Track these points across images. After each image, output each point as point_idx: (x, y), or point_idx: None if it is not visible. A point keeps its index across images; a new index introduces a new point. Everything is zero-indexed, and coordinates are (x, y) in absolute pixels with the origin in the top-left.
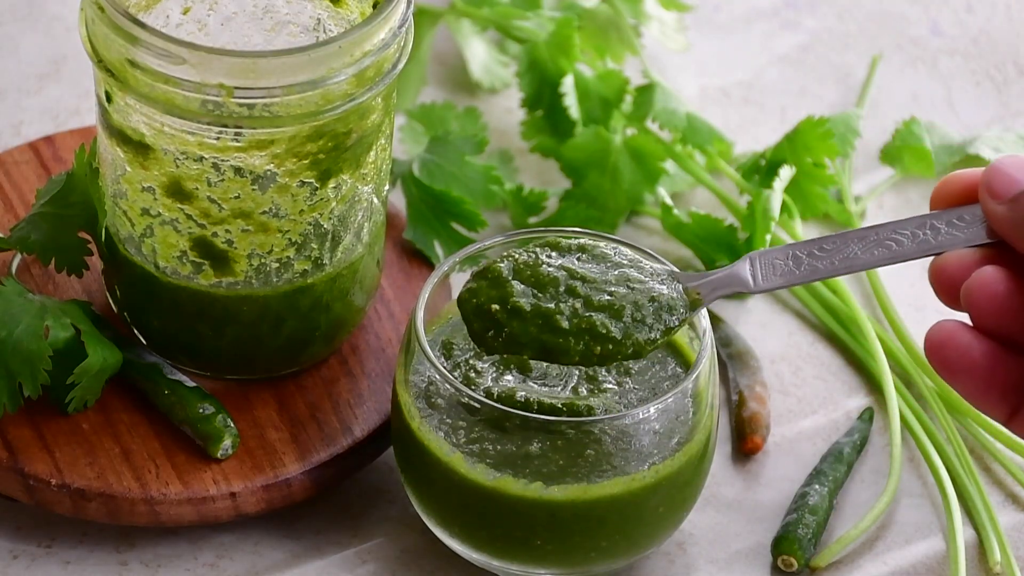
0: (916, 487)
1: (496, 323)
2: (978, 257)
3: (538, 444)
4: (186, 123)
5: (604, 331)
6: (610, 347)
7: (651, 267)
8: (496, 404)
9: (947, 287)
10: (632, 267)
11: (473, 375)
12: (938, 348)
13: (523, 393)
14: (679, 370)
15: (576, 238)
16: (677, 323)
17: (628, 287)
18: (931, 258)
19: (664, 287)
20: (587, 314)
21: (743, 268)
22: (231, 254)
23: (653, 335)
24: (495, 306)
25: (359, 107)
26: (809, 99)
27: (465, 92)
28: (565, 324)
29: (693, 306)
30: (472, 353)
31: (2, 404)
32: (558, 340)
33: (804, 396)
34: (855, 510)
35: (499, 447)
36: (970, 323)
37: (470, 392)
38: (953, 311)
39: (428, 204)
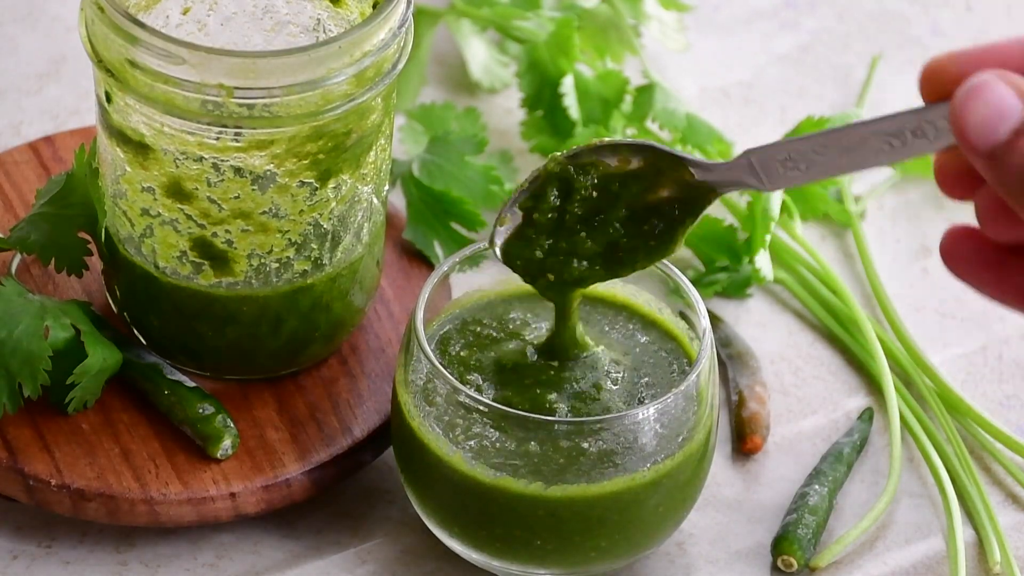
0: (916, 487)
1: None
2: None
3: (538, 444)
4: (186, 123)
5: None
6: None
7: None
8: (496, 404)
9: (951, 186)
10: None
11: (473, 375)
12: (952, 250)
13: (524, 393)
14: (679, 370)
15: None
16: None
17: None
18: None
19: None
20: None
21: (746, 169)
22: (231, 254)
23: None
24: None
25: (359, 107)
26: (809, 99)
27: (465, 92)
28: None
29: (708, 198)
30: (472, 353)
31: (2, 404)
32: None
33: (804, 396)
34: (855, 510)
35: (499, 447)
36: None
37: (470, 392)
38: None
39: (428, 204)
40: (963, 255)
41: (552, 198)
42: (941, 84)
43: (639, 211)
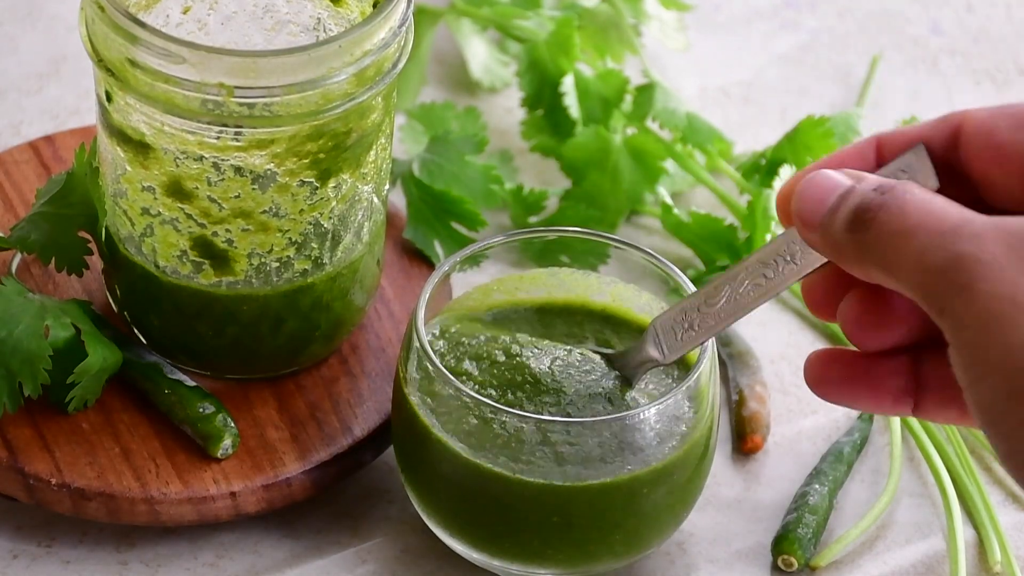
0: (916, 487)
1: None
2: (837, 271)
3: (539, 443)
4: (186, 122)
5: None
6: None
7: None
8: (497, 404)
9: (821, 307)
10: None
11: (473, 374)
12: (819, 375)
13: (525, 393)
14: (679, 370)
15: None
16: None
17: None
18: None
19: (601, 382)
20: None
21: (649, 341)
22: (231, 253)
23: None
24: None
25: (359, 106)
26: (809, 99)
27: (465, 92)
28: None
29: (623, 390)
30: (472, 352)
31: (2, 404)
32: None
33: (804, 396)
34: (855, 510)
35: (499, 447)
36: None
37: (470, 392)
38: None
39: (428, 204)
40: (832, 378)
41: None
42: (786, 215)
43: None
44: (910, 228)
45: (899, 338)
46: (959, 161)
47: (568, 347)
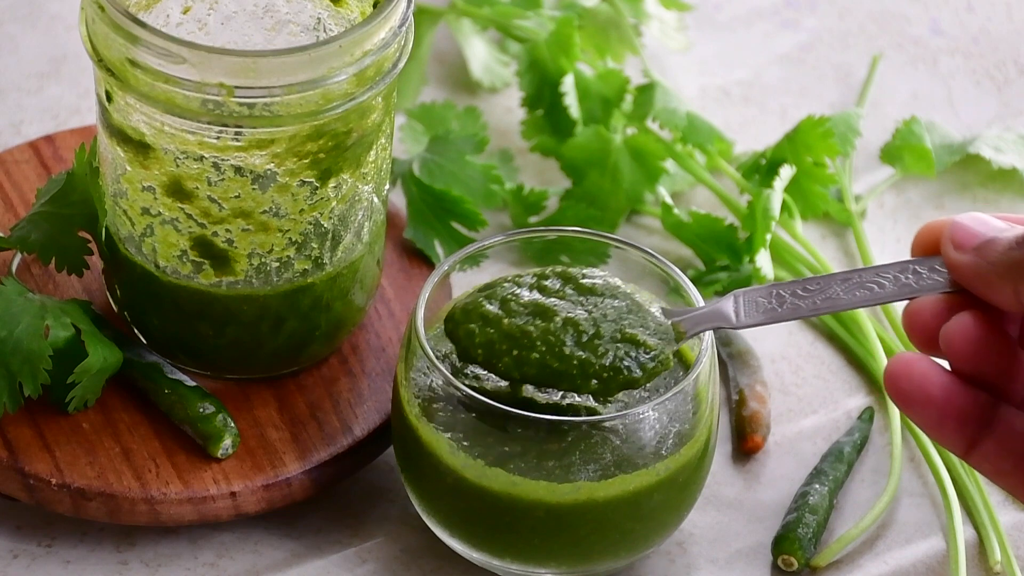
0: (916, 487)
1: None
2: (950, 304)
3: (538, 443)
4: (186, 122)
5: (584, 366)
6: (593, 383)
7: (641, 301)
8: (497, 403)
9: (920, 331)
10: (621, 299)
11: (473, 374)
12: (895, 378)
13: (524, 392)
14: (679, 370)
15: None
16: (659, 360)
17: (615, 324)
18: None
19: (650, 324)
20: (576, 351)
21: (727, 305)
22: (231, 253)
23: (636, 374)
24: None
25: (359, 106)
26: (809, 98)
27: (465, 92)
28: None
29: (677, 339)
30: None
31: (2, 404)
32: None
33: (804, 395)
34: (855, 510)
35: (499, 446)
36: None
37: (470, 391)
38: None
39: (428, 204)
40: (908, 383)
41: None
42: (927, 243)
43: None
44: None
45: (994, 367)
46: None
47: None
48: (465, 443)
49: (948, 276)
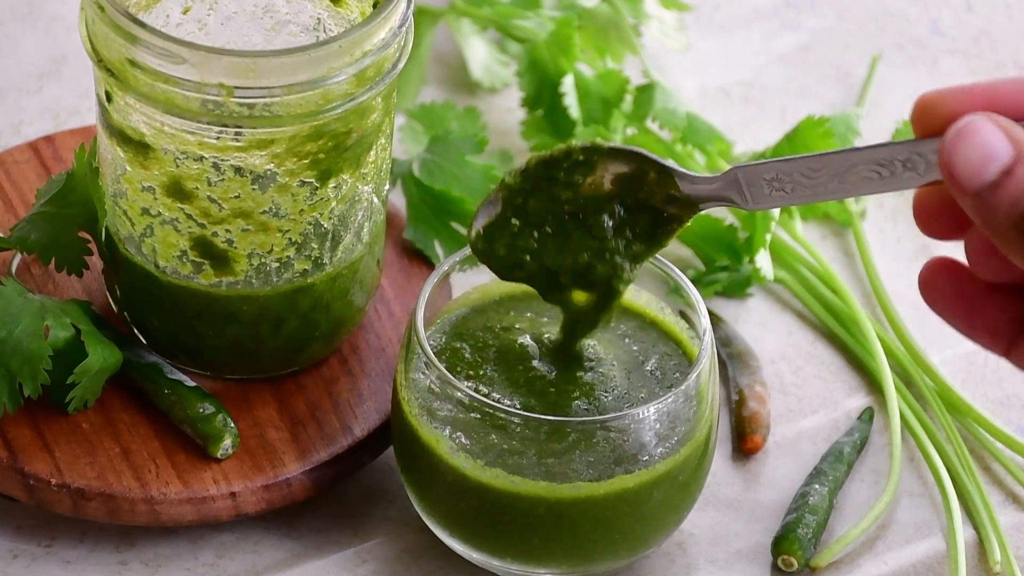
0: (916, 487)
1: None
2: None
3: (538, 443)
4: (186, 123)
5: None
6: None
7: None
8: (497, 403)
9: (931, 220)
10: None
11: (473, 374)
12: (930, 282)
13: (524, 392)
14: (679, 370)
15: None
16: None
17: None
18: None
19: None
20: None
21: (733, 186)
22: (231, 254)
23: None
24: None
25: (359, 107)
26: (809, 99)
27: (465, 92)
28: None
29: (691, 210)
30: (472, 352)
31: (2, 404)
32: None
33: (804, 396)
34: (855, 510)
35: (499, 446)
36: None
37: (470, 391)
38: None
39: (428, 204)
40: (940, 288)
41: (538, 192)
42: (932, 120)
43: (623, 215)
44: None
45: (985, 336)
46: None
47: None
48: (465, 443)
49: None
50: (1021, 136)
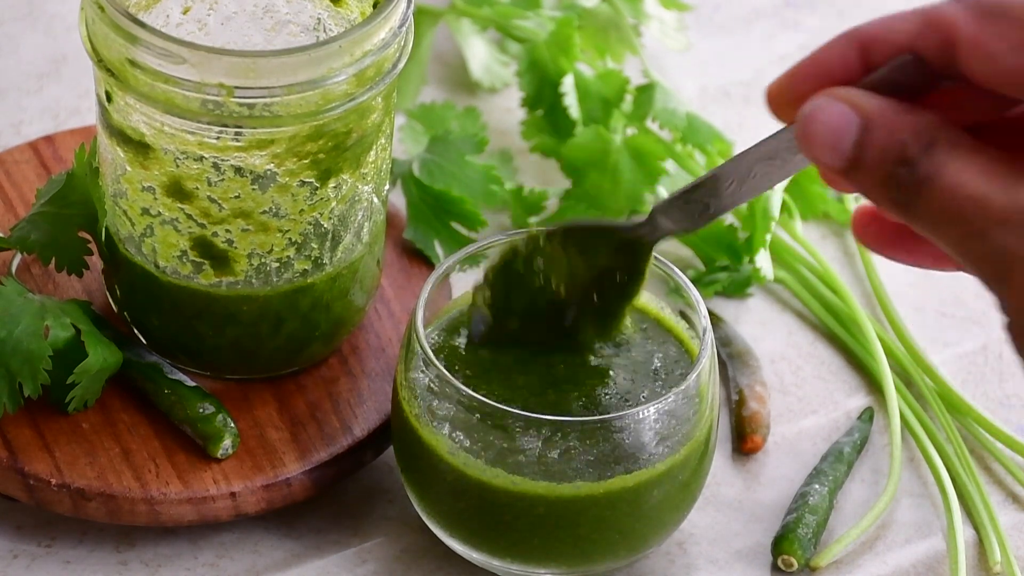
0: (916, 487)
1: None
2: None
3: (538, 443)
4: (186, 123)
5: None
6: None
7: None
8: (497, 403)
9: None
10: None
11: (473, 374)
12: (862, 229)
13: (524, 391)
14: (680, 370)
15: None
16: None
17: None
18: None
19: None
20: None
21: (658, 221)
22: (231, 254)
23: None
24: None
25: (359, 107)
26: None
27: (465, 92)
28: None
29: (645, 253)
30: (472, 352)
31: (2, 404)
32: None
33: (804, 396)
34: (855, 510)
35: (499, 446)
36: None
37: (470, 391)
38: None
39: (428, 204)
40: (871, 234)
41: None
42: (788, 110)
43: (589, 283)
44: (953, 216)
45: (929, 262)
46: (956, 70)
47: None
48: (465, 443)
49: None
50: (863, 102)
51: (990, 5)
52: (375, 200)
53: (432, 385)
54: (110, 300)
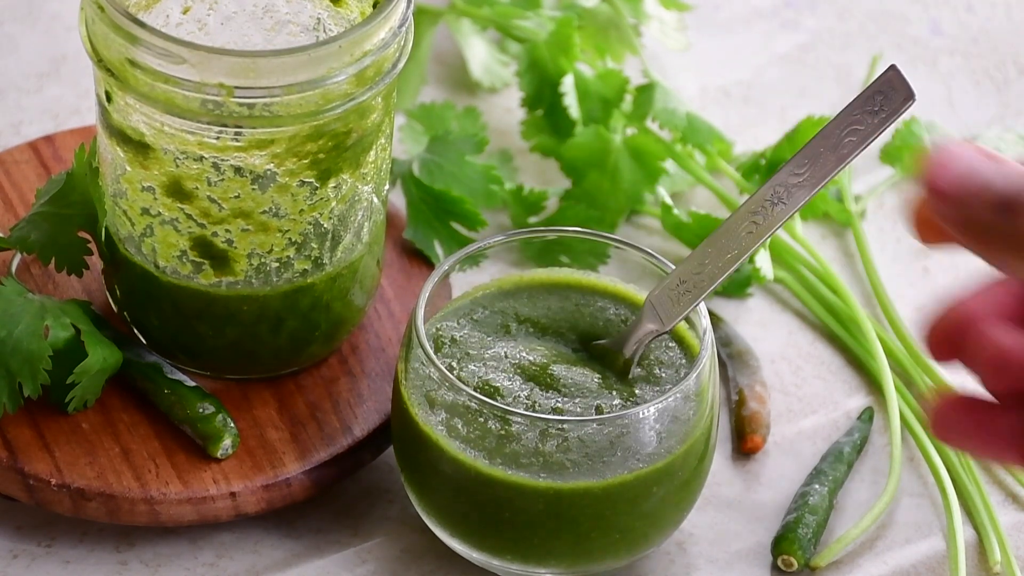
0: (916, 487)
1: None
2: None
3: (538, 442)
4: (186, 123)
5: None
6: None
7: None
8: (497, 403)
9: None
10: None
11: (473, 374)
12: (945, 426)
13: (524, 391)
14: (680, 370)
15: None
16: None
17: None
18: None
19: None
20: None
21: (650, 314)
22: (231, 254)
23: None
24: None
25: (359, 107)
26: (809, 99)
27: (465, 92)
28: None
29: (625, 370)
30: (473, 351)
31: (2, 404)
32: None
33: (804, 396)
34: (855, 510)
35: (499, 446)
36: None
37: (470, 391)
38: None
39: (428, 204)
40: (956, 426)
41: None
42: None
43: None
44: None
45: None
46: None
47: (569, 346)
48: (465, 442)
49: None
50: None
51: None
52: (375, 200)
53: (432, 385)
54: (110, 300)
